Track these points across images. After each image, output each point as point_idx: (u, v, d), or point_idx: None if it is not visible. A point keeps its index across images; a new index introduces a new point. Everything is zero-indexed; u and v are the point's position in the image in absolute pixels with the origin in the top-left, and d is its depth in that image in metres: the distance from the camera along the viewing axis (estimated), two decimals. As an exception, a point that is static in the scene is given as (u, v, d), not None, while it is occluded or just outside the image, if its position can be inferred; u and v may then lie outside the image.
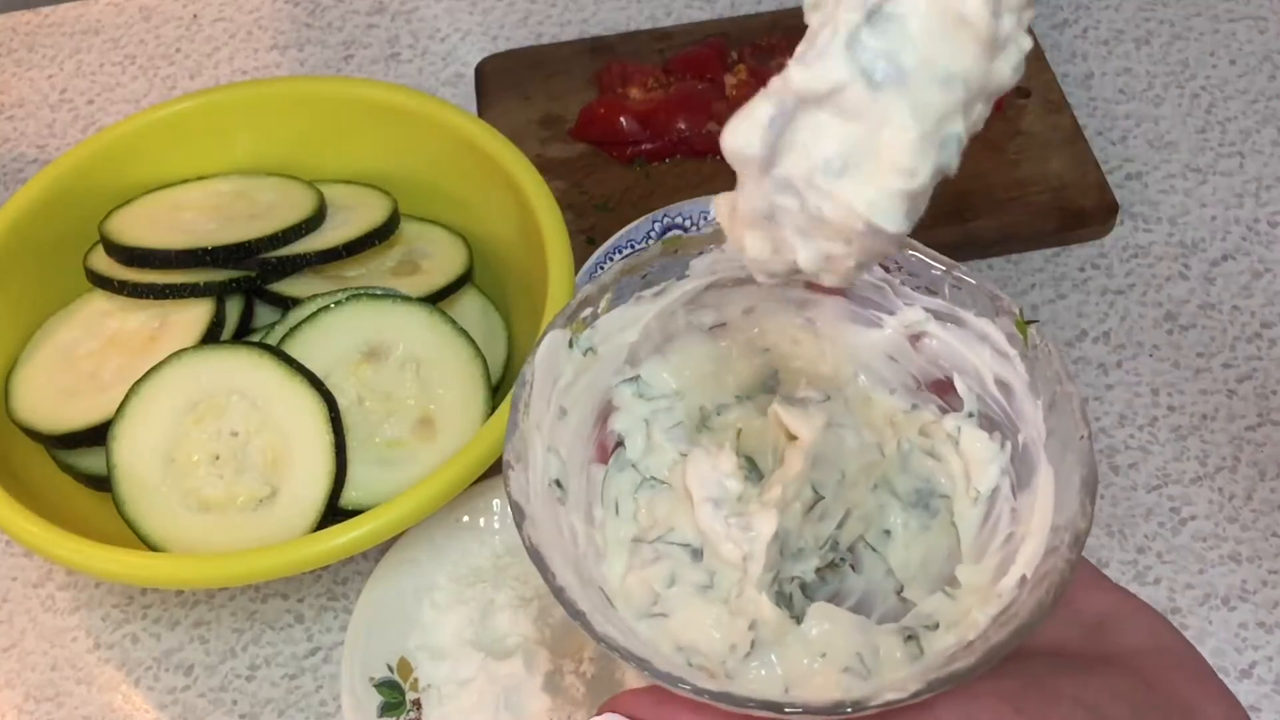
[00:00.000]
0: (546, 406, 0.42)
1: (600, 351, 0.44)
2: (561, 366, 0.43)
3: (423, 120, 0.71)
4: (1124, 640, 0.39)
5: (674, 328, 0.46)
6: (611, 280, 0.43)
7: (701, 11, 0.91)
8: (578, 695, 0.58)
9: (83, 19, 0.94)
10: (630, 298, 0.44)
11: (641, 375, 0.46)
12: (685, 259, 0.44)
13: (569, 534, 0.42)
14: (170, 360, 0.63)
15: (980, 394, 0.43)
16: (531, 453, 0.41)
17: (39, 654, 0.66)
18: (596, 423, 0.44)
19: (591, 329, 0.43)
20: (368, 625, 0.61)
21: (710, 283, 0.45)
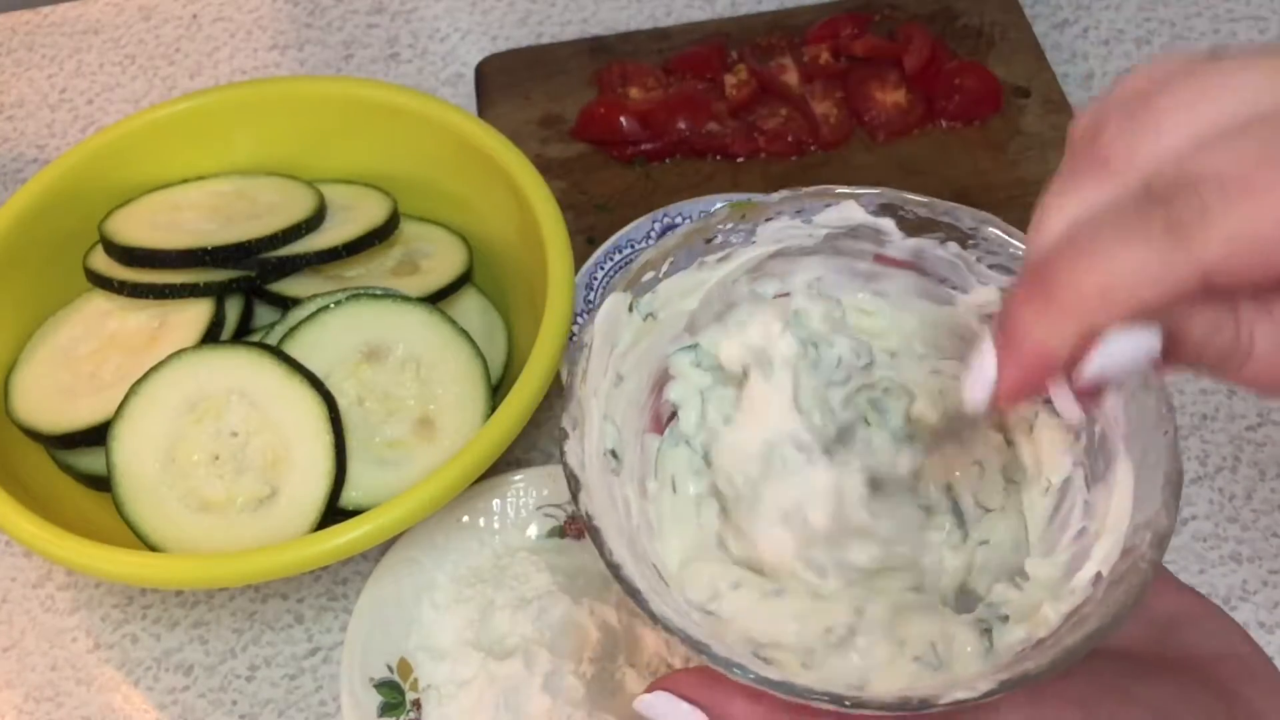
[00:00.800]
0: (604, 373, 0.41)
1: (660, 317, 0.43)
2: (620, 331, 0.41)
3: (423, 120, 0.71)
4: (1195, 645, 0.38)
5: (736, 295, 0.44)
6: (676, 244, 0.42)
7: (701, 11, 0.91)
8: (578, 695, 0.58)
9: (83, 19, 0.94)
10: (694, 263, 0.43)
11: (700, 344, 0.44)
12: (753, 224, 0.43)
13: (622, 506, 0.40)
14: (170, 360, 0.63)
15: None
16: (588, 420, 0.39)
17: (39, 654, 0.66)
18: (652, 391, 0.43)
19: (652, 293, 0.42)
20: (368, 625, 0.61)
21: (776, 250, 0.44)
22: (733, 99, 0.81)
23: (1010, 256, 0.42)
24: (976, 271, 0.43)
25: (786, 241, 0.43)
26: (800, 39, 0.84)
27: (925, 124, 0.80)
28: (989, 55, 0.83)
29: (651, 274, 0.42)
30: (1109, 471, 0.39)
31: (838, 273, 0.45)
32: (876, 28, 0.85)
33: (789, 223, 0.43)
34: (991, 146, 0.79)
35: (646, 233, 0.73)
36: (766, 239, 0.43)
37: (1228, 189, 0.30)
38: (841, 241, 0.44)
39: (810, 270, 0.44)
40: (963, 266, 0.43)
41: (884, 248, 0.44)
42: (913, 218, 0.43)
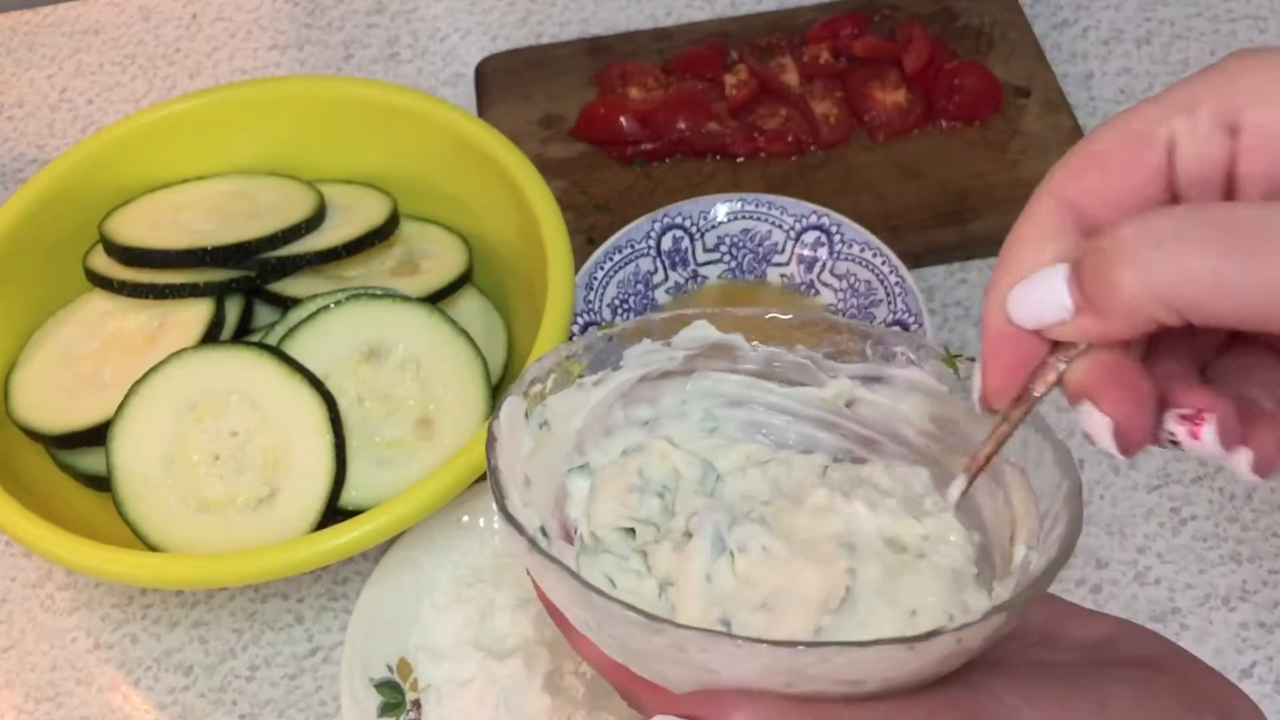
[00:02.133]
0: (513, 470, 0.41)
1: (554, 429, 0.43)
2: (521, 436, 0.42)
3: (423, 120, 0.71)
4: (1134, 652, 0.39)
5: (613, 421, 0.45)
6: (555, 362, 0.43)
7: (701, 11, 0.90)
8: (578, 695, 0.58)
9: (83, 19, 0.94)
10: (573, 383, 0.44)
11: (590, 464, 0.45)
12: (619, 348, 0.44)
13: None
14: (170, 360, 0.63)
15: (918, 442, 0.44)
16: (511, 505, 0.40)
17: (38, 654, 0.66)
18: (556, 505, 0.44)
19: (543, 405, 0.43)
20: (368, 625, 0.61)
21: (642, 375, 0.45)
22: (733, 99, 0.81)
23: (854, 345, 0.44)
24: (824, 367, 0.45)
25: (651, 365, 0.45)
26: (800, 39, 0.84)
27: (925, 124, 0.80)
28: (989, 55, 0.83)
29: (539, 387, 0.43)
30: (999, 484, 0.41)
31: (702, 397, 0.46)
32: (876, 28, 0.85)
33: (650, 346, 0.44)
34: (991, 146, 0.79)
35: (646, 233, 0.73)
36: (633, 363, 0.44)
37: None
38: (700, 361, 0.45)
39: (676, 395, 0.46)
40: (811, 365, 0.45)
41: (738, 362, 0.46)
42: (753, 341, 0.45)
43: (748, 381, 0.46)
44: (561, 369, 0.44)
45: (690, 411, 0.47)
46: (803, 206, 0.73)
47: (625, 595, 0.42)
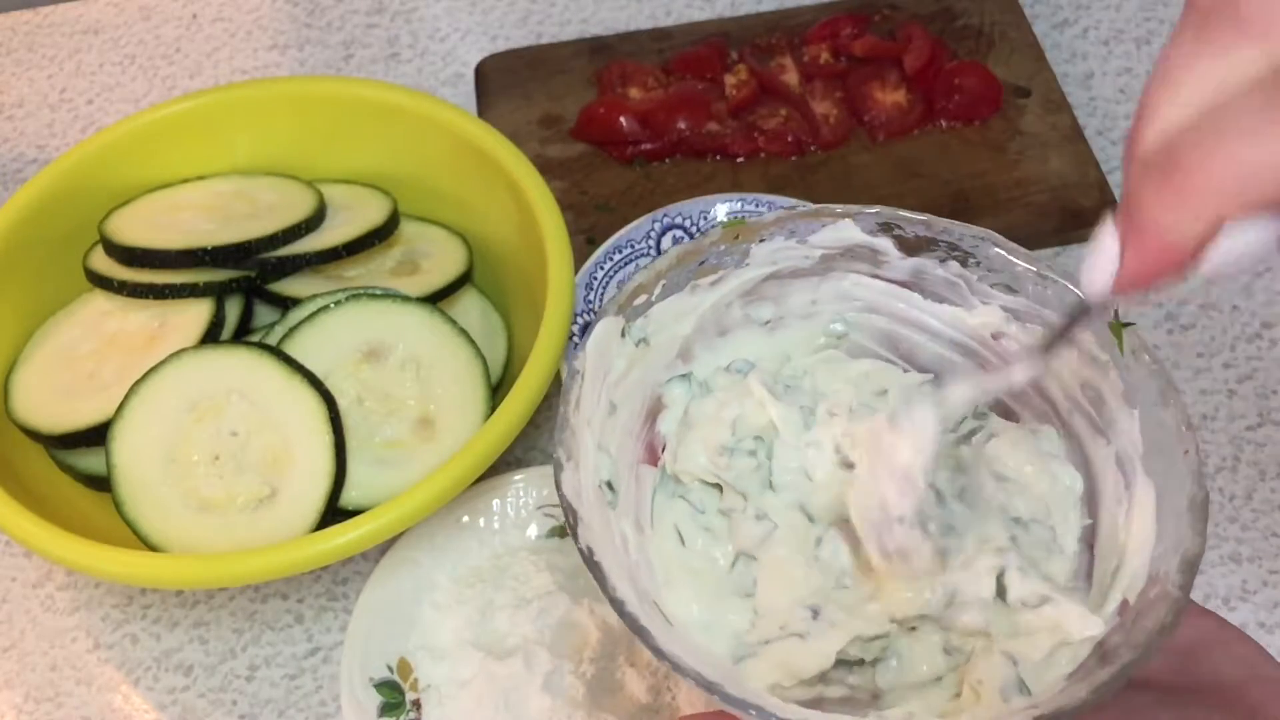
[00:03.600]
0: (597, 401, 0.39)
1: (653, 343, 0.41)
2: (613, 358, 0.40)
3: (423, 120, 0.71)
4: (1218, 670, 0.37)
5: (729, 321, 0.43)
6: (667, 266, 0.41)
7: (701, 11, 0.91)
8: (578, 695, 0.58)
9: (83, 19, 0.94)
10: (686, 286, 0.41)
11: (694, 372, 0.43)
12: (746, 245, 0.41)
13: (620, 540, 0.39)
14: (170, 360, 0.63)
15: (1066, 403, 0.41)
16: (582, 450, 0.38)
17: (38, 654, 0.66)
18: (646, 421, 0.42)
19: (645, 317, 0.41)
20: (368, 625, 0.61)
21: (770, 273, 0.42)
22: (733, 99, 0.81)
23: (1012, 275, 0.41)
24: (978, 291, 0.42)
25: (781, 263, 0.42)
26: (800, 39, 0.84)
27: (925, 124, 0.81)
28: (989, 55, 0.83)
29: (644, 298, 0.41)
30: (1129, 494, 0.38)
31: (834, 298, 0.43)
32: (876, 28, 0.85)
33: (783, 244, 0.42)
34: (991, 146, 0.79)
35: (646, 233, 0.73)
36: (760, 261, 0.42)
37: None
38: (838, 262, 0.43)
39: (806, 293, 0.43)
40: (963, 285, 0.42)
41: (882, 268, 0.43)
42: (911, 236, 0.42)
43: (888, 289, 0.43)
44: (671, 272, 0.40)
45: (820, 312, 0.44)
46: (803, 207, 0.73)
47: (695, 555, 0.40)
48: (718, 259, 0.41)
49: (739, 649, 0.39)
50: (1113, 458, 0.39)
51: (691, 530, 0.41)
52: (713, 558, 0.41)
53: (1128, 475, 0.38)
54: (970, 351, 0.43)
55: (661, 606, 0.39)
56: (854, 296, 0.43)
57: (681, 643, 0.37)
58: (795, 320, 0.44)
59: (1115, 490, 0.39)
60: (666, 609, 0.39)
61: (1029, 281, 0.41)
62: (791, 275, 0.43)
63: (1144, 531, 0.37)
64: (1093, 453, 0.40)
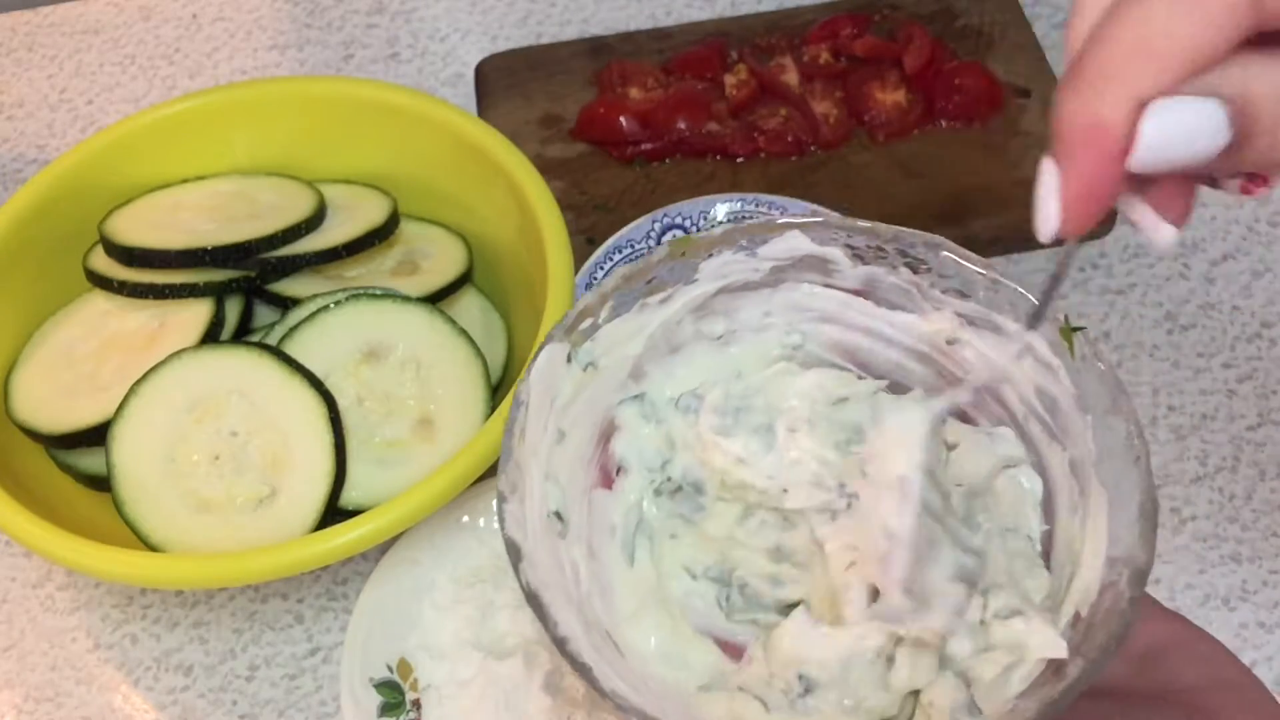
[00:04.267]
0: (543, 430, 0.39)
1: (601, 365, 0.41)
2: (560, 384, 0.39)
3: (423, 120, 0.71)
4: (1180, 674, 0.36)
5: (681, 337, 0.42)
6: (613, 287, 0.40)
7: (701, 11, 0.90)
8: (578, 695, 0.58)
9: (83, 19, 0.94)
10: (634, 306, 0.41)
11: (647, 392, 0.42)
12: (693, 261, 0.41)
13: (570, 571, 0.38)
14: (170, 360, 0.63)
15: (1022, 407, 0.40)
16: (528, 482, 0.37)
17: (38, 654, 0.66)
18: (598, 445, 0.41)
19: (592, 341, 0.40)
20: (367, 625, 0.61)
21: (720, 287, 0.42)
22: (733, 99, 0.81)
23: (964, 280, 0.40)
24: (930, 297, 0.41)
25: (731, 277, 0.42)
26: (800, 39, 0.84)
27: (925, 124, 0.80)
28: (989, 55, 0.83)
29: (590, 321, 0.40)
30: (1083, 502, 0.38)
31: (787, 309, 0.43)
32: (876, 28, 0.85)
33: (731, 257, 0.41)
34: (991, 146, 0.79)
35: (646, 232, 0.73)
36: (710, 275, 0.41)
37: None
38: (789, 273, 0.42)
39: (758, 305, 0.43)
40: (915, 292, 0.41)
41: (833, 277, 0.42)
42: (860, 245, 0.41)
43: (841, 298, 0.42)
44: (617, 293, 0.40)
45: (773, 324, 0.43)
46: (802, 206, 0.73)
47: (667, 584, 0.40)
48: (665, 277, 0.41)
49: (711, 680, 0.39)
50: (1067, 464, 0.39)
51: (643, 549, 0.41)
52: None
53: (1082, 482, 0.38)
54: (926, 358, 0.43)
55: (615, 636, 0.38)
56: (807, 306, 0.43)
57: (634, 675, 0.37)
58: (748, 334, 0.43)
59: (1070, 498, 0.39)
60: (624, 639, 0.38)
61: (980, 286, 0.40)
62: (742, 289, 0.42)
63: (1097, 541, 0.37)
64: (1049, 459, 0.40)
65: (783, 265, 0.42)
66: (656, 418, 0.42)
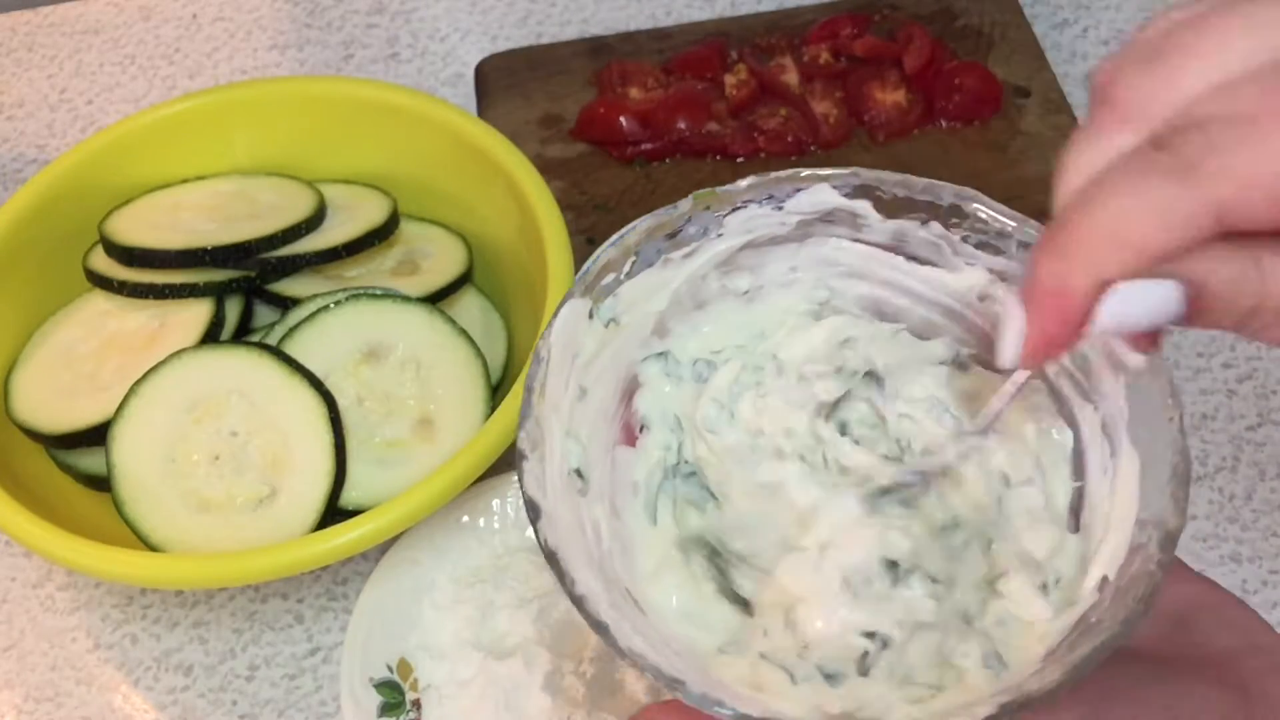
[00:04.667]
0: (565, 387, 0.38)
1: (624, 322, 0.40)
2: (581, 340, 0.38)
3: (423, 120, 0.71)
4: (1210, 639, 0.36)
5: (706, 293, 0.41)
6: (636, 241, 0.39)
7: (701, 11, 0.90)
8: (578, 695, 0.58)
9: (82, 19, 0.94)
10: (657, 260, 0.40)
11: (670, 350, 0.41)
12: (718, 215, 0.40)
13: (591, 530, 0.38)
14: (170, 360, 0.63)
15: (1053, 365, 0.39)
16: (548, 440, 0.37)
17: (38, 654, 0.66)
18: (621, 401, 0.40)
19: (614, 297, 0.39)
20: (367, 625, 0.61)
21: (746, 242, 0.41)
22: (733, 99, 0.81)
23: (996, 234, 0.40)
24: (962, 252, 0.41)
25: (757, 231, 0.41)
26: (800, 39, 0.84)
27: (925, 124, 0.80)
28: (989, 55, 0.83)
29: (612, 276, 0.39)
30: (1114, 463, 0.37)
31: (815, 263, 0.42)
32: (876, 28, 0.85)
33: (758, 211, 0.40)
34: (991, 146, 0.79)
35: (646, 233, 0.73)
36: (735, 230, 0.40)
37: (1236, 126, 0.30)
38: (816, 227, 0.41)
39: (785, 260, 0.42)
40: (946, 247, 0.41)
41: (861, 232, 0.41)
42: (890, 197, 0.40)
43: (870, 253, 0.41)
44: (641, 247, 0.39)
45: (800, 280, 0.42)
46: (803, 206, 0.73)
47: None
48: (689, 231, 0.40)
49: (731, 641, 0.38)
50: (1099, 423, 0.39)
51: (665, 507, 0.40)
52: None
53: (1113, 442, 0.38)
54: (956, 315, 0.42)
55: (637, 595, 0.38)
56: (835, 261, 0.42)
57: (654, 633, 0.36)
58: (775, 289, 0.42)
59: (1101, 458, 0.38)
60: (645, 598, 0.38)
61: (1013, 241, 0.40)
62: (768, 243, 0.41)
63: (1127, 503, 0.36)
64: (1080, 417, 0.40)
65: (810, 219, 0.41)
66: (679, 375, 0.42)
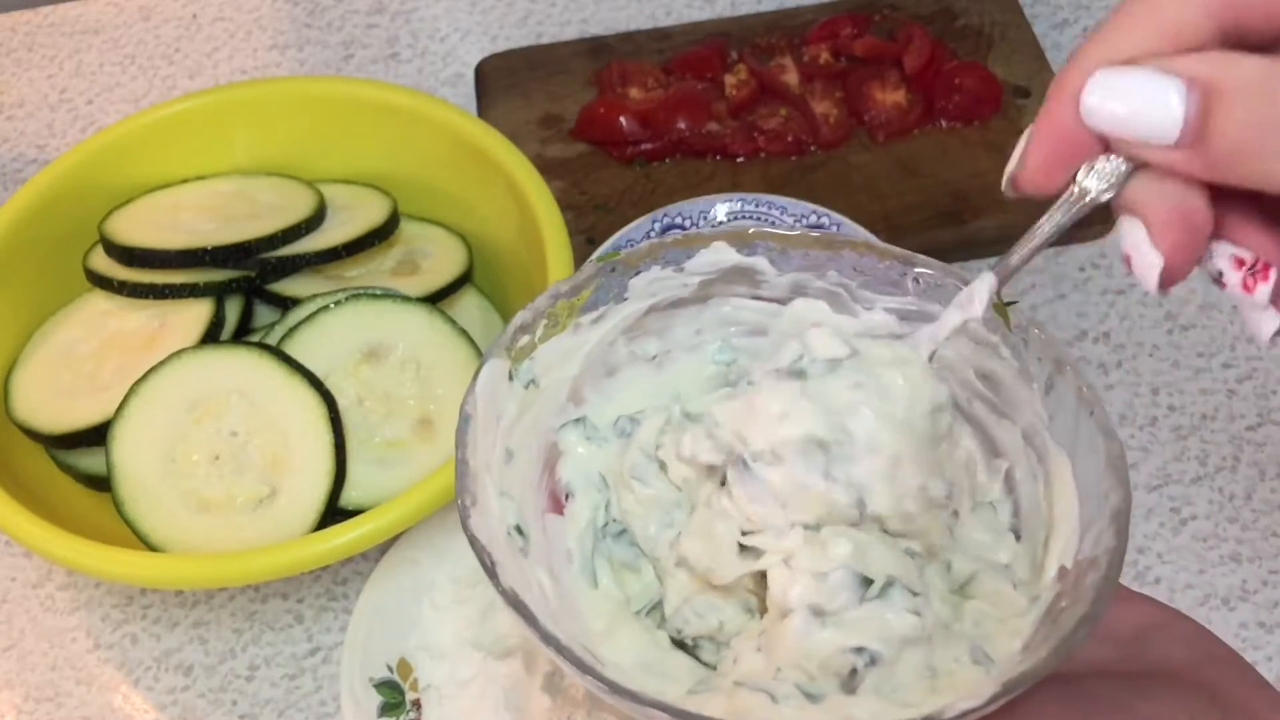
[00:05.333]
0: (493, 447, 0.38)
1: (542, 385, 0.40)
2: (503, 403, 0.38)
3: (423, 120, 0.71)
4: (1170, 654, 0.37)
5: (615, 359, 0.41)
6: (546, 304, 0.39)
7: (701, 11, 0.90)
8: (578, 695, 0.58)
9: (82, 19, 0.94)
10: (568, 325, 0.40)
11: (587, 416, 0.41)
12: (622, 278, 0.40)
13: (537, 588, 0.38)
14: (170, 360, 0.63)
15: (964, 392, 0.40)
16: (484, 496, 0.37)
17: (38, 654, 0.66)
18: (544, 469, 0.40)
19: (530, 359, 0.39)
20: (367, 625, 0.61)
21: (650, 305, 0.41)
22: (733, 99, 0.81)
23: (891, 276, 0.40)
24: (860, 297, 0.41)
25: (660, 294, 0.41)
26: (800, 39, 0.84)
27: (925, 124, 0.80)
28: (989, 55, 0.83)
29: (527, 338, 0.39)
30: (1043, 468, 0.38)
31: (718, 325, 0.42)
32: (876, 28, 0.85)
33: (660, 273, 0.40)
34: (991, 146, 0.79)
35: (646, 232, 0.73)
36: (639, 293, 0.40)
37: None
38: (717, 287, 0.41)
39: (690, 323, 0.42)
40: (844, 294, 0.41)
41: (761, 288, 0.41)
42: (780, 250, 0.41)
43: (771, 309, 0.42)
44: (553, 312, 0.39)
45: (705, 342, 0.42)
46: (802, 206, 0.73)
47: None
48: (596, 297, 0.40)
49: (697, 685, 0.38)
50: (1019, 436, 0.39)
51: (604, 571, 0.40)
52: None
53: (1039, 449, 0.38)
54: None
55: (594, 651, 0.37)
56: (737, 320, 0.42)
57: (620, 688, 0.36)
58: (681, 353, 0.42)
59: (1029, 467, 0.39)
60: (601, 655, 0.38)
61: (909, 280, 0.40)
62: (673, 306, 0.42)
63: (1066, 499, 0.37)
64: (999, 437, 0.40)
65: (710, 279, 0.41)
66: (601, 437, 0.41)
